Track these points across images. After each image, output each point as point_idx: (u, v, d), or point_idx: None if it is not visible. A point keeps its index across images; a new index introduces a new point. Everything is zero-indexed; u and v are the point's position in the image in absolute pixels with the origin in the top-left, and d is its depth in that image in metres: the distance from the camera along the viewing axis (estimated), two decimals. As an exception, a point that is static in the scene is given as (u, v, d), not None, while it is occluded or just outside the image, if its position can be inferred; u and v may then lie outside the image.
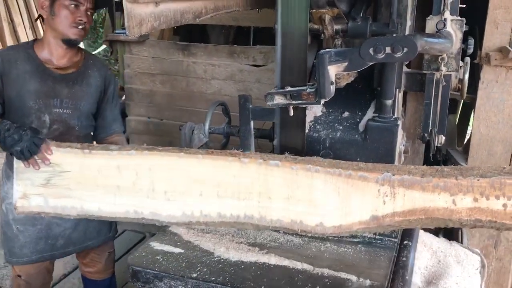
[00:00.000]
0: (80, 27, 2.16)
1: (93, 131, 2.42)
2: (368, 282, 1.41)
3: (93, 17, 2.43)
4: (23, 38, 6.49)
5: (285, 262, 1.52)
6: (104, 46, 6.84)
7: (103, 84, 2.36)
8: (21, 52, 2.19)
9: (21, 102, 2.14)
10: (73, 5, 2.12)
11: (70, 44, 2.20)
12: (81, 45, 2.46)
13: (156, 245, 1.67)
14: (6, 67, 2.12)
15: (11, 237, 2.26)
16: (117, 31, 4.91)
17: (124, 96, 5.02)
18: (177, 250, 1.63)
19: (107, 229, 2.47)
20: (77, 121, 2.27)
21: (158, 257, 1.59)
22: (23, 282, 2.34)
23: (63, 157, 1.70)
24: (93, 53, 9.09)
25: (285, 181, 1.42)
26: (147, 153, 1.58)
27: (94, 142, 2.40)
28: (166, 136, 4.70)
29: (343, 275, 1.46)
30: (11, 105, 2.15)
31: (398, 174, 1.41)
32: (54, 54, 2.21)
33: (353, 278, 1.44)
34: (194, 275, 1.48)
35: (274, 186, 1.43)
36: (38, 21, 6.66)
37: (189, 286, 1.47)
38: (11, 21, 6.36)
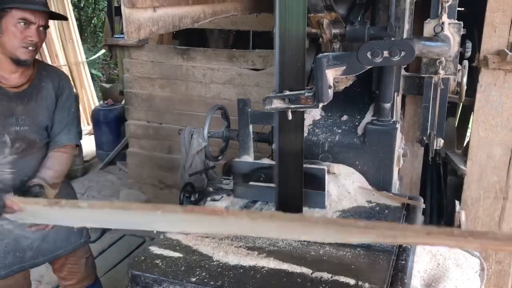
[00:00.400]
0: (30, 48, 2.03)
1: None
2: (367, 285, 1.41)
3: (93, 21, 2.39)
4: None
5: (284, 266, 1.52)
6: (103, 51, 6.85)
7: (55, 94, 2.23)
8: None
9: None
10: (22, 23, 1.98)
11: (20, 63, 2.06)
12: (81, 50, 2.40)
13: (155, 249, 1.67)
14: None
15: None
16: (116, 36, 4.92)
17: (124, 100, 5.03)
18: (176, 254, 1.63)
19: (77, 235, 2.39)
20: (37, 134, 2.20)
21: (157, 261, 1.59)
22: None
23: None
24: (93, 57, 9.12)
25: None
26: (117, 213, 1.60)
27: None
28: (165, 140, 4.71)
29: (342, 278, 1.45)
30: None
31: None
32: (5, 71, 2.08)
33: (352, 281, 1.44)
34: (193, 279, 1.48)
35: None
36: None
37: (188, 290, 1.47)
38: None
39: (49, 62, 6.83)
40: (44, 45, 6.80)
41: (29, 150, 2.18)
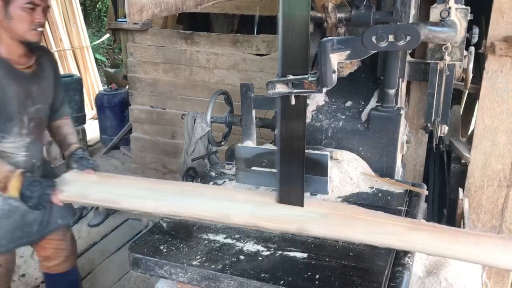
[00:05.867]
0: (39, 29, 2.07)
1: None
2: (368, 269, 1.41)
3: (98, 6, 2.40)
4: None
5: (286, 251, 1.53)
6: (108, 35, 6.83)
7: (53, 70, 2.32)
8: None
9: (4, 108, 2.07)
10: (29, 7, 2.00)
11: (30, 45, 2.11)
12: (85, 34, 2.42)
13: (157, 233, 1.68)
14: None
15: None
16: (119, 20, 4.89)
17: (128, 85, 5.02)
18: (178, 238, 1.63)
19: (71, 207, 2.50)
20: (45, 112, 2.29)
21: (159, 245, 1.59)
22: (4, 269, 2.36)
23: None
24: (97, 42, 9.09)
25: None
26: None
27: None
28: (169, 125, 4.71)
29: (342, 262, 1.46)
30: None
31: None
32: (14, 54, 2.10)
33: (353, 265, 1.44)
34: (194, 263, 1.48)
35: None
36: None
37: (189, 273, 1.47)
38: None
39: (54, 47, 6.81)
40: (48, 29, 6.78)
41: (38, 130, 2.27)
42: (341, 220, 1.57)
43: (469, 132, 3.22)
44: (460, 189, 2.43)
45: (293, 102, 1.56)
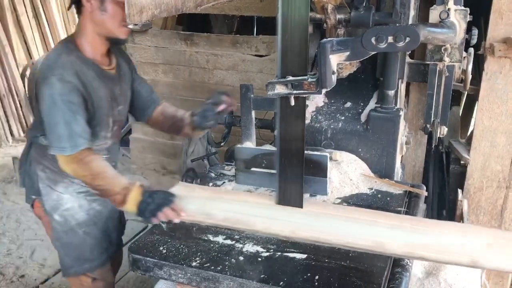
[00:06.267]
0: (130, 26, 1.94)
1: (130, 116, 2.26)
2: (368, 270, 1.41)
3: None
4: (27, 28, 6.47)
5: (285, 253, 1.53)
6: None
7: (129, 68, 2.15)
8: (76, 58, 1.85)
9: (96, 113, 1.92)
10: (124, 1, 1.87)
11: (116, 43, 1.94)
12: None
13: (156, 233, 1.68)
14: (81, 78, 1.83)
15: (77, 244, 2.05)
16: (119, 21, 4.86)
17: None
18: (177, 239, 1.63)
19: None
20: (125, 115, 2.15)
21: (158, 246, 1.59)
22: (103, 282, 2.16)
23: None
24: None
25: None
26: None
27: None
28: (169, 126, 4.69)
29: (342, 263, 1.46)
30: (88, 119, 1.89)
31: None
32: (98, 51, 1.93)
33: (352, 265, 1.44)
34: (194, 264, 1.48)
35: None
36: (42, 11, 6.65)
37: (189, 274, 1.47)
38: (14, 10, 6.34)
39: (53, 46, 6.81)
40: (47, 29, 6.78)
41: (118, 132, 2.13)
42: None
43: (468, 133, 3.22)
44: (459, 190, 2.43)
45: (292, 103, 1.56)
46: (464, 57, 1.97)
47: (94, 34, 1.88)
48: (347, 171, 1.95)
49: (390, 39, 1.40)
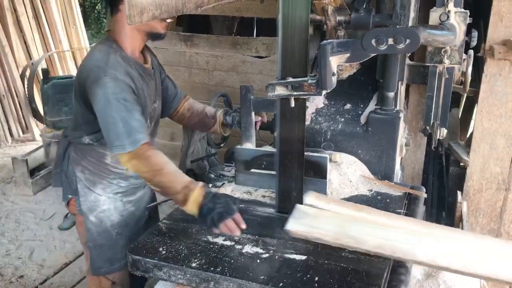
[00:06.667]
0: (168, 20, 1.89)
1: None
2: (367, 272, 1.41)
3: (97, 7, 2.31)
4: (27, 28, 6.47)
5: (285, 254, 1.53)
6: (107, 37, 6.83)
7: (157, 62, 2.16)
8: (120, 57, 1.85)
9: (143, 109, 1.90)
10: None
11: (156, 38, 1.93)
12: (84, 36, 2.33)
13: (156, 234, 1.68)
14: (131, 75, 1.85)
15: (111, 244, 2.05)
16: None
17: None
18: (177, 240, 1.63)
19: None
20: (160, 111, 2.14)
21: (158, 247, 1.59)
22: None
23: None
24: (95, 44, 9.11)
25: None
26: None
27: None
28: (168, 126, 4.70)
29: (341, 264, 1.46)
30: None
31: None
32: (136, 49, 1.94)
33: (351, 267, 1.44)
34: (193, 265, 1.48)
35: None
36: (42, 12, 6.65)
37: (188, 275, 1.47)
38: (14, 10, 6.34)
39: (53, 48, 6.81)
40: (47, 30, 6.79)
41: (155, 130, 2.14)
42: None
43: (468, 135, 3.23)
44: (459, 192, 2.44)
45: (292, 104, 1.56)
46: (464, 59, 1.97)
47: (134, 31, 1.88)
48: (346, 173, 1.95)
49: (390, 41, 1.40)
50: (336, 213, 1.58)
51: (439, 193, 2.91)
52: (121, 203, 2.06)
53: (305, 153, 1.68)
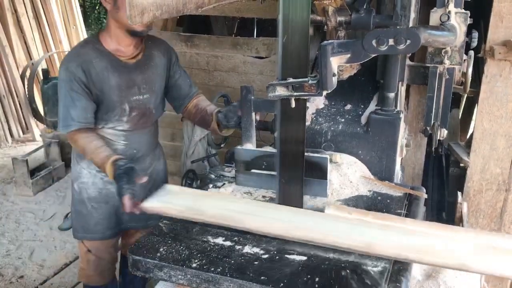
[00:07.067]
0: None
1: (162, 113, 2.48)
2: (368, 272, 1.41)
3: (97, 7, 2.42)
4: (27, 29, 6.48)
5: (285, 254, 1.53)
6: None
7: (166, 60, 2.35)
8: (92, 50, 2.16)
9: (105, 99, 2.18)
10: None
11: (136, 35, 2.18)
12: (85, 36, 2.44)
13: (156, 235, 1.68)
14: (85, 69, 2.11)
15: (86, 215, 2.34)
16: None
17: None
18: (177, 240, 1.63)
19: None
20: (154, 104, 2.33)
21: (158, 247, 1.59)
22: (94, 257, 2.43)
23: None
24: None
25: None
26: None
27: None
28: (168, 127, 4.70)
29: (342, 259, 1.46)
30: (97, 103, 2.18)
31: None
32: (121, 44, 2.19)
33: (353, 268, 1.44)
34: (194, 265, 1.48)
35: None
36: (42, 12, 6.66)
37: (189, 275, 1.47)
38: (15, 11, 6.35)
39: (53, 48, 6.82)
40: (47, 30, 6.79)
41: (142, 121, 2.31)
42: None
43: (468, 136, 3.23)
44: (459, 193, 2.44)
45: (293, 105, 1.56)
46: (464, 60, 1.97)
47: (116, 29, 2.14)
48: (347, 173, 1.95)
49: (391, 41, 1.41)
50: (202, 193, 1.87)
51: (439, 193, 2.91)
52: (101, 181, 2.31)
53: (306, 154, 1.68)
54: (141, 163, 2.36)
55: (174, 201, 1.74)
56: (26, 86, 6.24)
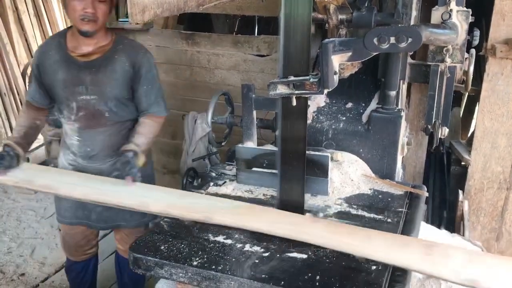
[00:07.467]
0: (86, 19, 2.13)
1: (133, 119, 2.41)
2: (368, 270, 1.41)
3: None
4: (28, 26, 6.48)
5: (286, 252, 1.53)
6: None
7: (131, 68, 2.27)
8: (54, 42, 2.28)
9: (54, 91, 2.29)
10: None
11: (85, 35, 2.19)
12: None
13: (157, 233, 1.68)
14: (41, 58, 2.27)
15: (60, 199, 2.48)
16: (121, 20, 4.89)
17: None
18: (178, 238, 1.63)
19: (141, 213, 2.35)
20: (105, 107, 2.28)
21: (159, 245, 1.59)
22: (62, 237, 2.69)
23: None
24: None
25: None
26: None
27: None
28: (169, 125, 4.70)
29: (343, 264, 1.46)
30: (49, 93, 2.33)
31: None
32: (79, 42, 2.23)
33: (353, 266, 1.44)
34: (195, 263, 1.48)
35: None
36: (43, 10, 6.66)
37: (189, 273, 1.47)
38: (16, 9, 6.34)
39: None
40: (49, 28, 6.78)
41: (94, 122, 2.30)
42: (249, 211, 1.72)
43: (469, 134, 3.23)
44: (460, 191, 2.44)
45: (294, 103, 1.56)
46: (465, 58, 1.97)
47: (73, 27, 2.23)
48: (348, 172, 1.95)
49: (392, 39, 1.40)
50: (57, 170, 2.41)
51: (441, 192, 2.91)
52: (70, 168, 2.41)
53: (307, 152, 1.68)
54: (99, 163, 2.37)
55: (17, 174, 2.12)
56: (27, 84, 6.24)
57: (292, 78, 1.51)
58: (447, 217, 2.74)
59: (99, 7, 2.15)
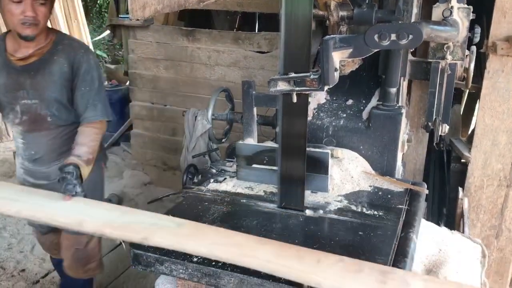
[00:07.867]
0: (27, 23, 2.03)
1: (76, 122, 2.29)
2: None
3: (99, 1, 2.40)
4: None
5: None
6: (108, 32, 6.83)
7: (70, 69, 2.17)
8: None
9: None
10: (15, 0, 1.98)
11: (26, 39, 2.09)
12: (86, 30, 2.43)
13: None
14: None
15: None
16: (121, 16, 4.89)
17: (128, 81, 5.02)
18: (179, 234, 1.63)
19: None
20: (47, 110, 2.21)
21: (160, 241, 1.59)
22: (37, 239, 2.76)
23: None
24: (98, 38, 9.05)
25: None
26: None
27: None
28: (169, 121, 4.71)
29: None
30: None
31: None
32: (20, 45, 2.14)
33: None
34: (195, 259, 1.48)
35: None
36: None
37: (190, 270, 1.47)
38: None
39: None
40: (49, 24, 6.79)
41: (37, 126, 2.25)
42: (193, 231, 1.50)
43: (470, 132, 3.23)
44: (460, 189, 2.44)
45: (294, 100, 1.56)
46: (466, 55, 1.97)
47: (13, 30, 2.12)
48: (348, 168, 1.95)
49: (393, 36, 1.40)
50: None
51: (441, 189, 2.91)
52: (21, 176, 2.43)
53: (307, 149, 1.68)
54: (44, 166, 2.34)
55: None
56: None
57: (292, 74, 1.51)
58: (447, 214, 2.74)
59: (40, 9, 2.05)
